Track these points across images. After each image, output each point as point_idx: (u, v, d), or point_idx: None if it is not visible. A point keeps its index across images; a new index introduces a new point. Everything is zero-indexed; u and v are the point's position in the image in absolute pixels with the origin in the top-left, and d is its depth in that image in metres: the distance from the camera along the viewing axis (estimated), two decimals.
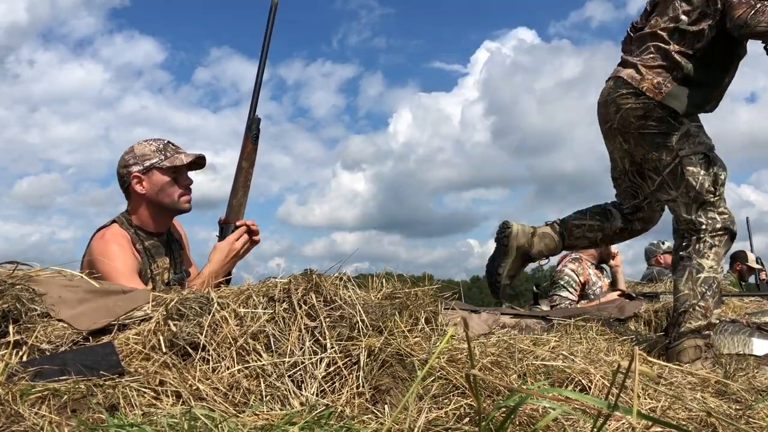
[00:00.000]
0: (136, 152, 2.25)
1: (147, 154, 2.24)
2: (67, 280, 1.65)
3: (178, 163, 2.25)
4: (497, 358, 1.39)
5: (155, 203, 2.25)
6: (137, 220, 2.26)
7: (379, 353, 1.30)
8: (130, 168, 2.23)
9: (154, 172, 2.22)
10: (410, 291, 1.56)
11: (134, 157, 2.24)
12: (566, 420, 1.09)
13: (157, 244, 2.29)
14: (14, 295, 1.44)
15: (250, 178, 2.33)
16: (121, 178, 2.26)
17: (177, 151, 2.29)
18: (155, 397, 1.18)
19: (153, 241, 2.28)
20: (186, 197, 2.29)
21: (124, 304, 1.58)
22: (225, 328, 1.35)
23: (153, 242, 2.27)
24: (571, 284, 3.98)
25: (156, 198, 2.23)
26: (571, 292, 3.95)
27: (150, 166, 2.22)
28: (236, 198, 2.30)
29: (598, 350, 1.56)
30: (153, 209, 2.27)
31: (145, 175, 2.22)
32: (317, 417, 1.12)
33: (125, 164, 2.25)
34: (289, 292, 1.42)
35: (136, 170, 2.22)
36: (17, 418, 1.03)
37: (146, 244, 2.24)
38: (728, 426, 1.13)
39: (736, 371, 1.60)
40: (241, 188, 2.31)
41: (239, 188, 2.31)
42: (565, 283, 3.99)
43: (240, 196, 2.31)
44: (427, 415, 1.11)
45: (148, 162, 2.23)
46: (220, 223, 2.33)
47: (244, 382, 1.25)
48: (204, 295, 1.45)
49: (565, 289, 3.96)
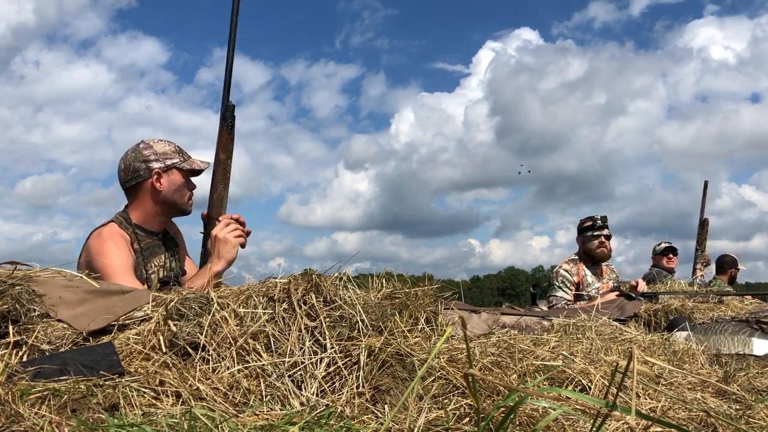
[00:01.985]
0: (157, 150, 2.26)
1: (168, 153, 2.26)
2: (67, 281, 1.65)
3: (196, 167, 2.31)
4: (497, 358, 1.39)
5: (168, 202, 2.26)
6: (138, 218, 2.26)
7: (379, 353, 1.30)
8: (150, 164, 2.24)
9: (174, 171, 2.26)
10: (410, 291, 1.56)
11: (155, 153, 2.25)
12: (566, 420, 1.09)
13: (156, 243, 2.30)
14: (14, 296, 1.44)
15: (229, 170, 2.32)
16: (136, 172, 2.24)
17: (189, 156, 2.34)
18: (155, 397, 1.18)
19: (152, 240, 2.28)
20: (191, 201, 2.34)
21: (124, 305, 1.58)
22: (225, 328, 1.35)
23: (151, 241, 2.28)
24: (566, 284, 4.01)
25: (171, 197, 2.25)
26: (566, 291, 3.98)
27: (171, 165, 2.25)
28: (216, 192, 2.29)
29: (597, 350, 1.56)
30: (161, 207, 2.27)
31: (165, 173, 2.24)
32: (317, 417, 1.12)
33: (144, 159, 2.24)
34: (288, 292, 1.42)
35: (158, 167, 2.23)
36: (17, 418, 1.04)
37: (143, 244, 2.24)
38: (728, 426, 1.13)
39: (736, 371, 1.60)
40: (220, 182, 2.30)
41: (218, 182, 2.30)
42: (560, 283, 4.02)
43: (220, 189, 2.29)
44: (427, 415, 1.11)
45: (169, 161, 2.25)
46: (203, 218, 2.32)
47: (244, 382, 1.25)
48: (204, 295, 1.46)
49: (560, 289, 3.99)
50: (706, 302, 3.13)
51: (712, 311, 2.87)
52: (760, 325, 2.55)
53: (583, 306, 3.36)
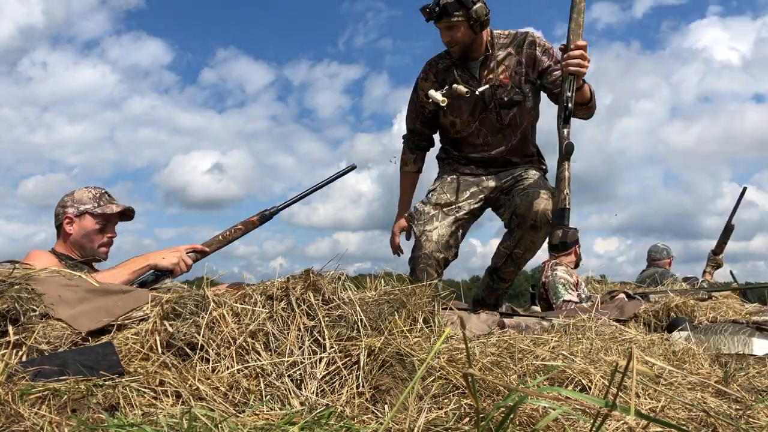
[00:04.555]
0: (75, 197, 2.47)
1: (83, 200, 2.46)
2: (67, 280, 1.65)
3: (108, 211, 2.45)
4: (497, 358, 1.39)
5: (77, 246, 2.44)
6: (61, 250, 2.45)
7: (378, 353, 1.30)
8: (66, 209, 2.45)
9: (86, 217, 2.43)
10: (407, 290, 1.56)
11: (72, 200, 2.46)
12: (566, 420, 1.08)
13: (79, 266, 2.43)
14: (13, 296, 1.44)
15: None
16: (56, 217, 2.47)
17: (110, 202, 2.48)
18: (155, 397, 1.18)
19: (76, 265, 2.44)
20: (105, 249, 2.48)
21: (123, 304, 1.58)
22: (223, 326, 1.35)
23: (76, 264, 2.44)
24: (568, 286, 3.99)
25: (79, 241, 2.43)
26: (572, 294, 3.95)
27: (83, 211, 2.43)
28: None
29: (597, 350, 1.56)
30: (74, 250, 2.46)
31: (77, 218, 2.43)
32: (317, 417, 1.12)
33: (63, 205, 2.47)
34: (287, 290, 1.42)
35: (70, 212, 2.44)
36: (17, 418, 1.04)
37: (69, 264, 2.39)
38: (728, 426, 1.13)
39: (736, 371, 1.60)
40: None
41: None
42: (563, 286, 3.99)
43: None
44: (426, 415, 1.11)
45: (82, 207, 2.44)
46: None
47: (243, 382, 1.25)
48: (199, 293, 1.46)
49: (567, 292, 3.96)
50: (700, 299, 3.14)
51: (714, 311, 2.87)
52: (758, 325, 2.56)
53: (583, 306, 3.36)
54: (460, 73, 2.93)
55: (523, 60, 2.88)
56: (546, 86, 2.88)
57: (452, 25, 2.76)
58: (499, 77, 2.89)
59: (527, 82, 2.90)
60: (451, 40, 2.82)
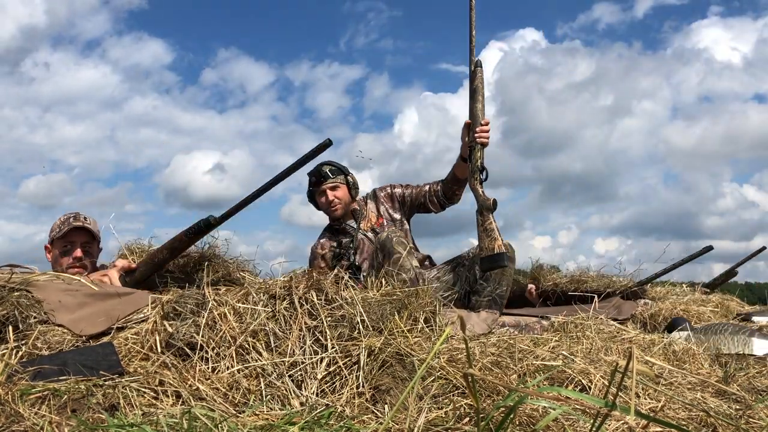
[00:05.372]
0: (52, 225, 2.52)
1: (53, 228, 2.50)
2: (66, 284, 1.65)
3: (61, 234, 2.44)
4: (497, 358, 1.39)
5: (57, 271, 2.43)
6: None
7: (379, 353, 1.30)
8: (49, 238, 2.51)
9: (54, 243, 2.48)
10: (409, 290, 1.56)
11: (51, 229, 2.52)
12: (566, 420, 1.08)
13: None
14: (13, 302, 1.44)
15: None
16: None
17: (66, 224, 2.46)
18: (155, 397, 1.18)
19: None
20: (74, 269, 2.42)
21: (123, 308, 1.58)
22: (224, 325, 1.35)
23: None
24: None
25: (55, 267, 2.46)
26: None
27: (51, 239, 2.50)
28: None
29: (597, 350, 1.56)
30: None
31: (51, 245, 2.50)
32: (317, 417, 1.12)
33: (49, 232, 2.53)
34: (290, 289, 1.42)
35: (47, 242, 2.51)
36: (17, 418, 1.03)
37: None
38: (728, 426, 1.13)
39: (736, 371, 1.60)
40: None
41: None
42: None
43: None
44: (426, 415, 1.11)
45: (51, 234, 2.50)
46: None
47: (243, 382, 1.25)
48: (199, 293, 1.46)
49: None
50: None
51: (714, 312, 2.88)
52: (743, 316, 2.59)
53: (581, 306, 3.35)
54: None
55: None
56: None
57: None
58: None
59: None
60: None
